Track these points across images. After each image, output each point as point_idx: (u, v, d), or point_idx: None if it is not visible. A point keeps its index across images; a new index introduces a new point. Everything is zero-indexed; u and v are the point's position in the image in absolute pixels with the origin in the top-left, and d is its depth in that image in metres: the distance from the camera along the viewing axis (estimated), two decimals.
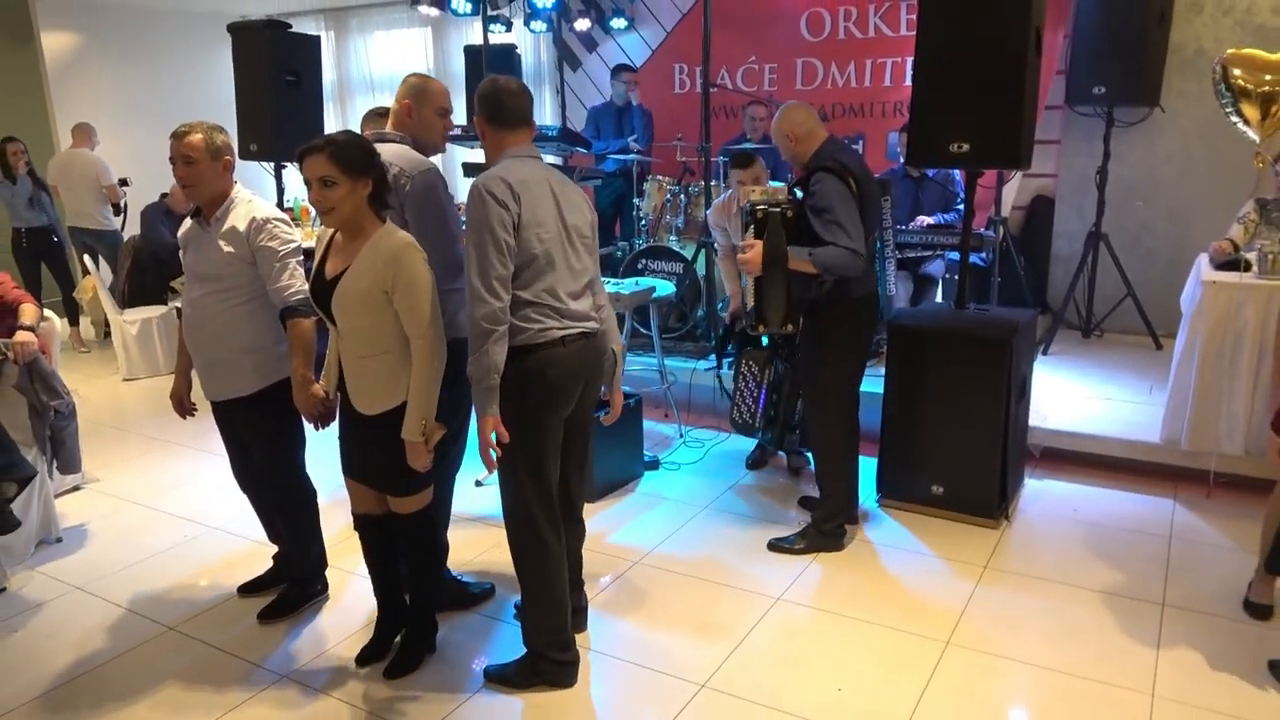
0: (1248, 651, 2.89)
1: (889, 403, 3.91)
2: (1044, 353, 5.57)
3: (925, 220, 5.15)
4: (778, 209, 3.18)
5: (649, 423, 4.81)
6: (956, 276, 5.43)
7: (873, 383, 3.90)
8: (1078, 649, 2.95)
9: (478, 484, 4.25)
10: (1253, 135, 3.90)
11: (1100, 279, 5.80)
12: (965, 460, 3.78)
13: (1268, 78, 3.74)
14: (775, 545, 3.66)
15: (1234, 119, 3.96)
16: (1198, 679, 2.78)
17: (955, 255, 5.61)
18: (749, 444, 4.60)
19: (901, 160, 5.21)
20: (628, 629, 3.11)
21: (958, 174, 5.27)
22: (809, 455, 4.35)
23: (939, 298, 5.38)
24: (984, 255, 5.61)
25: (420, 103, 2.99)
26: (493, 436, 2.51)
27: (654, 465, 4.49)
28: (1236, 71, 3.80)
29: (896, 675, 2.83)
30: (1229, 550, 3.58)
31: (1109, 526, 3.80)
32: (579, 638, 2.97)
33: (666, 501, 4.14)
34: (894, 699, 2.72)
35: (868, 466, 4.02)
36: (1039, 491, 4.18)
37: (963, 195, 5.22)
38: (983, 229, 5.68)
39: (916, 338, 3.83)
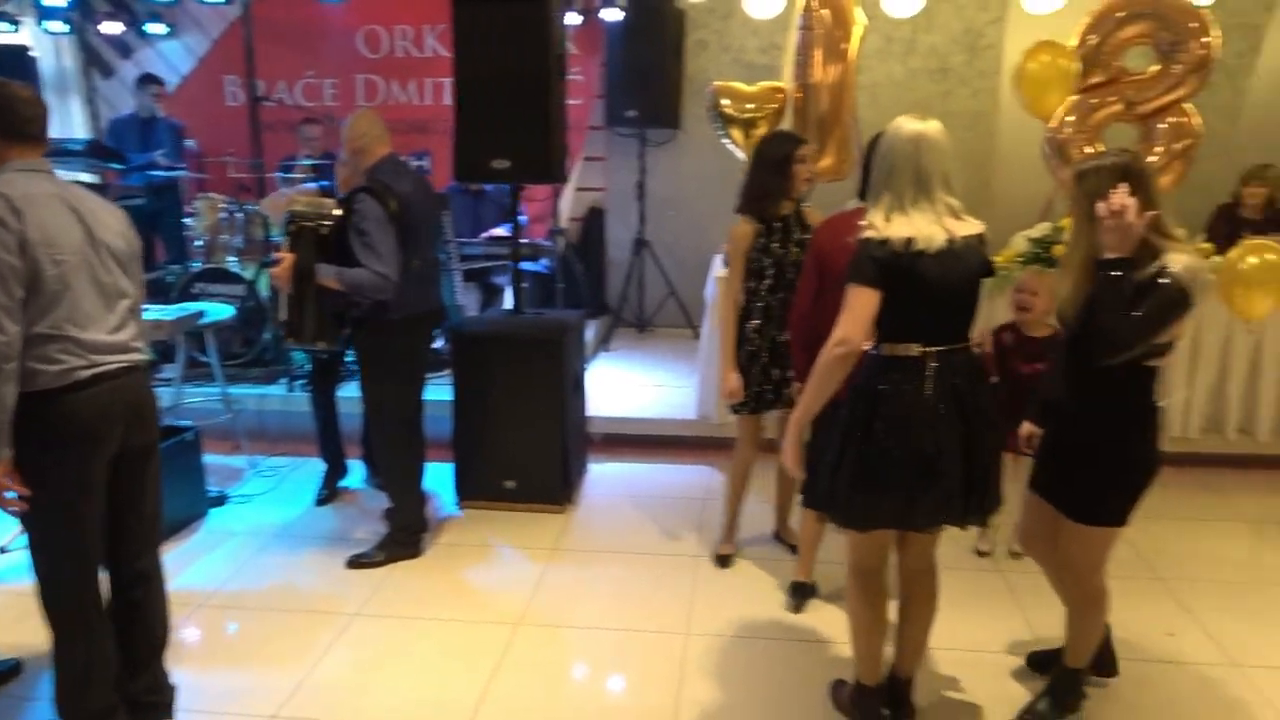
0: (774, 583, 3.45)
1: (459, 408, 4.07)
2: (606, 349, 6.14)
3: (494, 231, 5.41)
4: (312, 224, 3.18)
5: (215, 457, 4.51)
6: (523, 284, 5.80)
7: (439, 391, 4.04)
8: (629, 607, 3.33)
9: (1, 550, 3.69)
10: (741, 156, 4.65)
11: (648, 280, 6.52)
12: (532, 454, 4.06)
13: (749, 106, 4.49)
14: (355, 561, 3.63)
15: (726, 141, 4.70)
16: (726, 613, 3.28)
17: (523, 265, 5.99)
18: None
19: None
20: (189, 678, 2.90)
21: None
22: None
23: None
24: (547, 264, 6.03)
25: None
26: (11, 492, 2.21)
27: (220, 501, 4.21)
28: (724, 101, 4.51)
29: (468, 663, 2.97)
30: (756, 504, 4.22)
31: (660, 496, 4.30)
32: None
33: (235, 536, 3.92)
34: (465, 686, 2.85)
35: (445, 471, 4.15)
36: (601, 474, 4.61)
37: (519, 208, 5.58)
38: (543, 239, 6.12)
39: (478, 344, 4.03)
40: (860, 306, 2.25)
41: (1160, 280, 2.23)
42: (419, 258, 3.44)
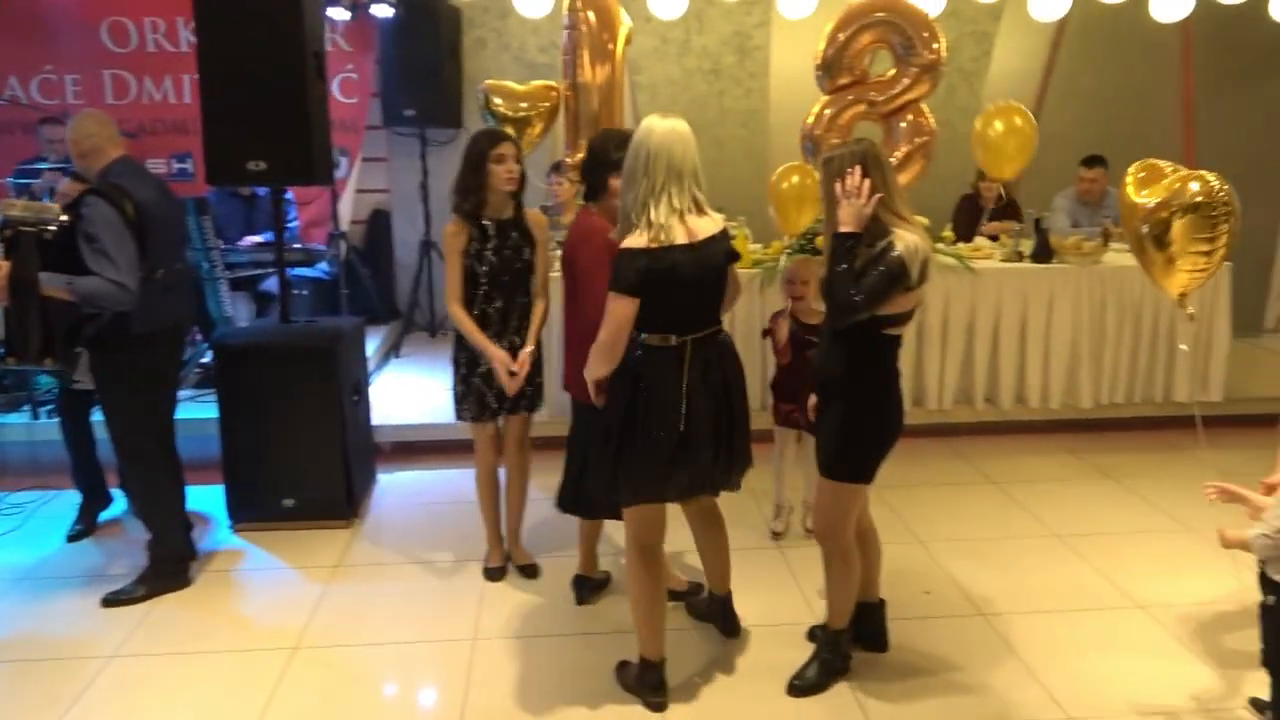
0: (565, 580, 3.42)
1: (226, 426, 3.83)
2: (397, 355, 5.96)
3: (254, 238, 5.12)
4: (33, 229, 2.89)
5: None
6: (302, 292, 5.54)
7: (206, 408, 3.79)
8: (415, 619, 3.25)
9: None
10: None
11: (437, 283, 6.39)
12: (311, 469, 3.88)
13: (522, 105, 4.49)
14: (112, 599, 3.34)
15: None
16: (515, 615, 3.26)
17: (299, 271, 5.72)
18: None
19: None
20: None
21: (289, 192, 5.34)
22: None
23: None
24: (328, 269, 5.79)
25: None
26: None
27: None
28: (496, 100, 4.48)
29: (241, 695, 2.80)
30: (542, 500, 4.21)
31: (452, 503, 4.21)
32: None
33: None
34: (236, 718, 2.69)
35: (216, 493, 3.90)
36: (391, 484, 4.48)
37: (294, 211, 5.33)
38: (323, 244, 5.87)
39: (244, 356, 3.81)
40: (621, 314, 2.42)
41: (884, 254, 2.46)
42: (162, 267, 3.20)
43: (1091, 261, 4.92)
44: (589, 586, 3.37)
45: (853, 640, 2.93)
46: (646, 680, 2.76)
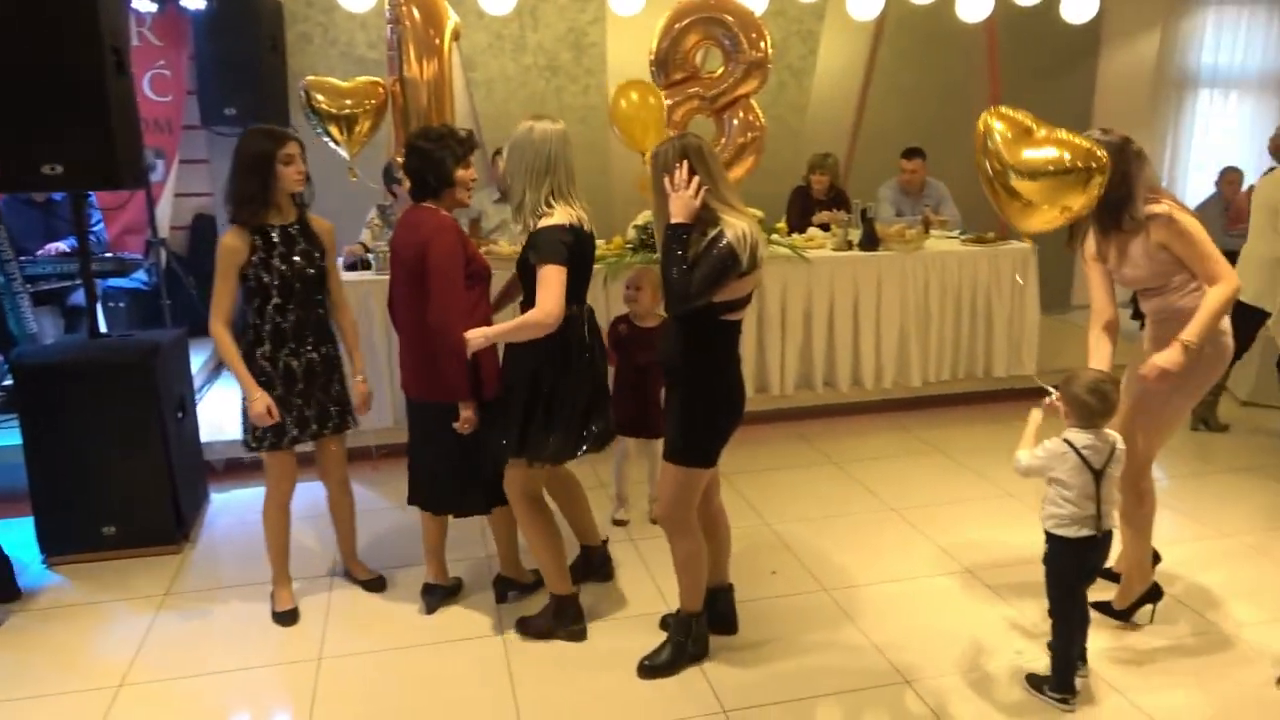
0: (416, 591, 3.35)
1: (31, 453, 3.52)
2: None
3: (57, 247, 4.73)
4: None
5: None
6: (119, 304, 5.17)
7: (8, 434, 3.48)
8: (254, 643, 3.09)
9: None
10: (344, 153, 4.47)
11: None
12: (134, 493, 3.62)
13: (347, 102, 4.32)
14: None
15: (325, 139, 4.49)
16: (362, 631, 3.15)
17: (113, 282, 5.33)
18: None
19: None
20: None
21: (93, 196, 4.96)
22: None
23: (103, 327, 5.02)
24: (145, 279, 5.42)
25: None
26: None
27: None
28: (319, 97, 4.30)
29: None
30: (394, 511, 4.11)
31: (293, 519, 4.02)
32: None
33: None
34: None
35: (25, 527, 3.59)
36: (226, 503, 4.24)
37: (98, 216, 4.96)
38: (139, 253, 5.50)
39: (47, 376, 3.51)
40: (559, 284, 2.68)
41: (715, 242, 2.53)
42: None
43: (914, 248, 5.19)
44: (439, 594, 3.30)
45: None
46: (567, 613, 3.06)
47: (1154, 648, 3.01)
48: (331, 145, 4.49)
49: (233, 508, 4.20)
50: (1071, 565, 2.66)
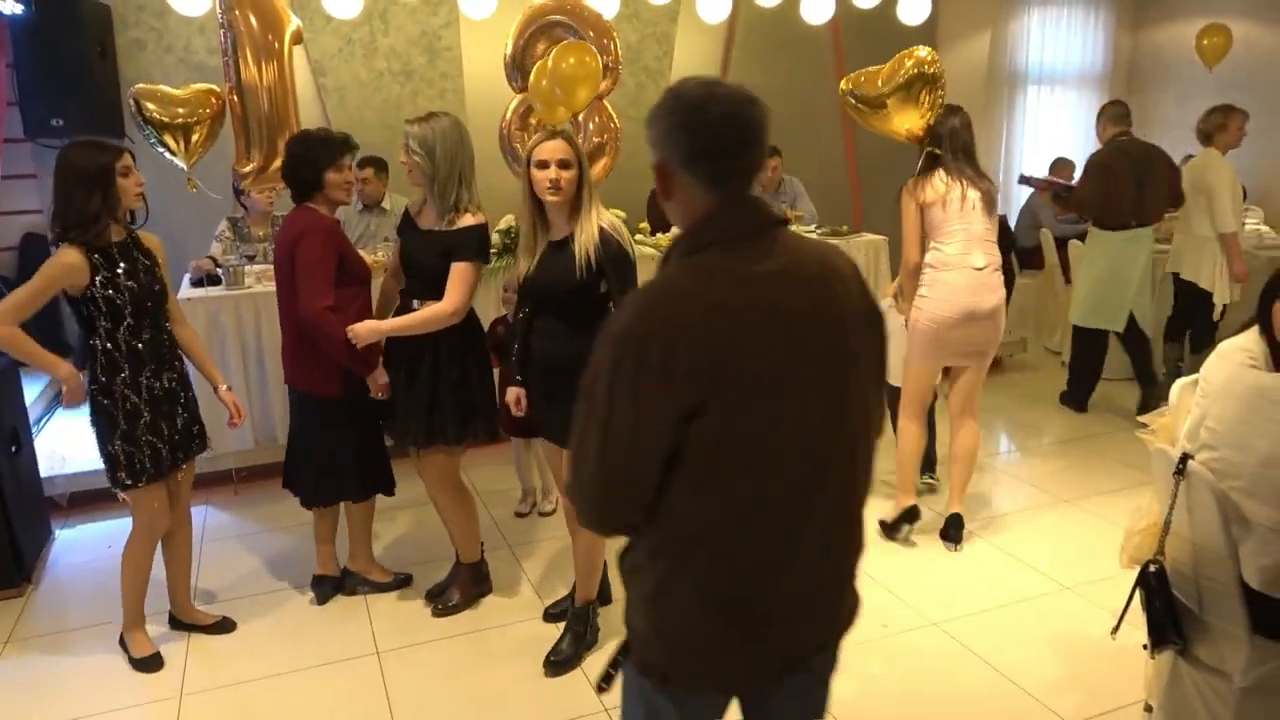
0: (262, 623, 3.24)
1: None
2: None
3: None
4: None
5: None
6: None
7: None
8: (110, 686, 2.92)
9: None
10: (180, 163, 4.25)
11: None
12: None
13: (180, 111, 4.11)
14: None
15: (160, 149, 4.26)
16: (224, 664, 3.02)
17: None
18: None
19: None
20: None
21: None
22: None
23: None
24: None
25: None
26: None
27: None
28: (150, 106, 4.07)
29: None
30: (256, 534, 3.96)
31: None
32: None
33: None
34: None
35: None
36: (73, 540, 3.98)
37: None
38: None
39: None
40: (473, 282, 2.93)
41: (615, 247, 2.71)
42: None
43: None
44: (329, 584, 3.35)
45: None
46: (480, 574, 3.34)
47: (1000, 605, 3.22)
48: (168, 156, 4.27)
49: (79, 544, 3.94)
50: None
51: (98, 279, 2.70)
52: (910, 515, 3.70)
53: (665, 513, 1.39)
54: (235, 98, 3.86)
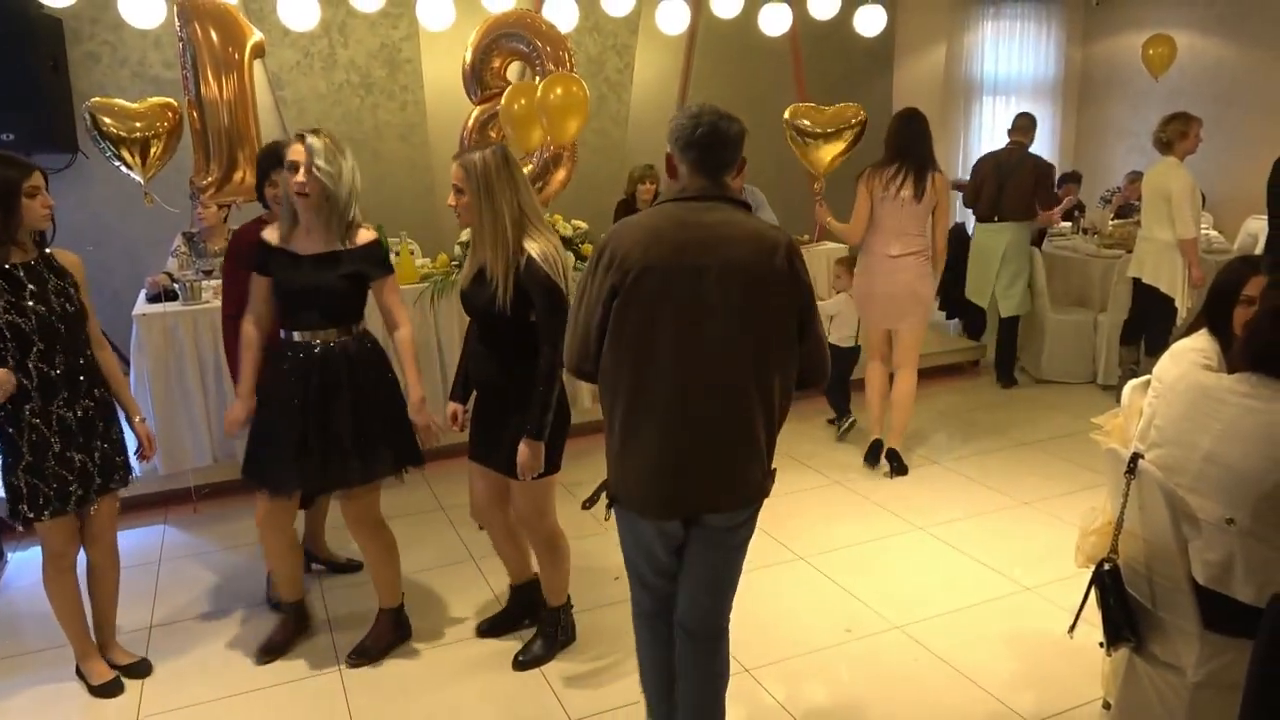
0: (230, 638, 3.19)
1: None
2: None
3: None
4: None
5: None
6: None
7: None
8: (66, 712, 2.86)
9: None
10: (136, 177, 4.20)
11: None
12: None
13: (137, 125, 4.06)
14: None
15: (116, 163, 4.21)
16: (183, 684, 2.98)
17: None
18: None
19: None
20: None
21: None
22: None
23: None
24: None
25: None
26: None
27: None
28: (106, 120, 4.02)
29: None
30: (217, 553, 3.90)
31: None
32: None
33: None
34: None
35: None
36: (28, 561, 3.89)
37: None
38: None
39: None
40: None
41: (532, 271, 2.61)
42: None
43: None
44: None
45: (519, 616, 3.17)
46: (404, 623, 3.18)
47: (962, 607, 3.26)
48: (124, 170, 4.22)
49: (33, 567, 3.84)
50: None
51: (2, 302, 2.54)
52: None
53: (601, 367, 2.09)
54: (194, 111, 3.81)
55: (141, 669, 3.04)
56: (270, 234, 2.85)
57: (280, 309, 2.86)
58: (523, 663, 2.97)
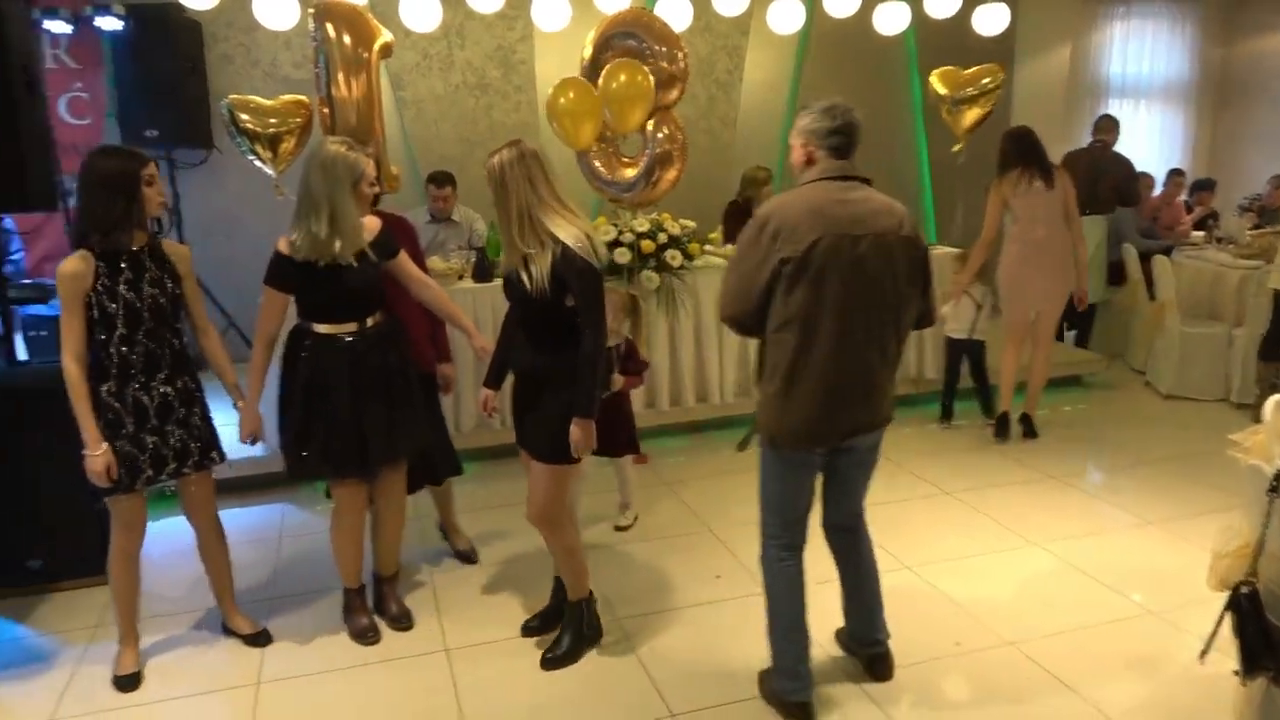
0: (298, 625, 3.32)
1: None
2: None
3: None
4: None
5: None
6: (41, 332, 5.02)
7: None
8: (190, 672, 3.02)
9: None
10: (271, 172, 4.41)
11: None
12: (59, 523, 3.50)
13: (271, 121, 4.27)
14: None
15: (250, 157, 4.42)
16: (299, 652, 3.10)
17: (33, 309, 5.18)
18: None
19: None
20: None
21: (8, 220, 4.82)
22: None
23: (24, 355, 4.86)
24: None
25: None
26: None
27: None
28: (243, 116, 4.23)
29: None
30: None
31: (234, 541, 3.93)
32: None
33: None
34: None
35: None
36: (158, 531, 4.08)
37: (19, 243, 4.82)
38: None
39: None
40: None
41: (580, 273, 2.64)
42: None
43: None
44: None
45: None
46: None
47: (1079, 627, 3.12)
48: (258, 164, 4.43)
49: (165, 536, 4.07)
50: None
51: (98, 285, 2.67)
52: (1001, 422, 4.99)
53: (769, 317, 2.46)
54: (325, 109, 3.98)
55: (261, 639, 3.18)
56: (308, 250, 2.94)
57: (315, 310, 3.02)
58: (550, 660, 2.96)
